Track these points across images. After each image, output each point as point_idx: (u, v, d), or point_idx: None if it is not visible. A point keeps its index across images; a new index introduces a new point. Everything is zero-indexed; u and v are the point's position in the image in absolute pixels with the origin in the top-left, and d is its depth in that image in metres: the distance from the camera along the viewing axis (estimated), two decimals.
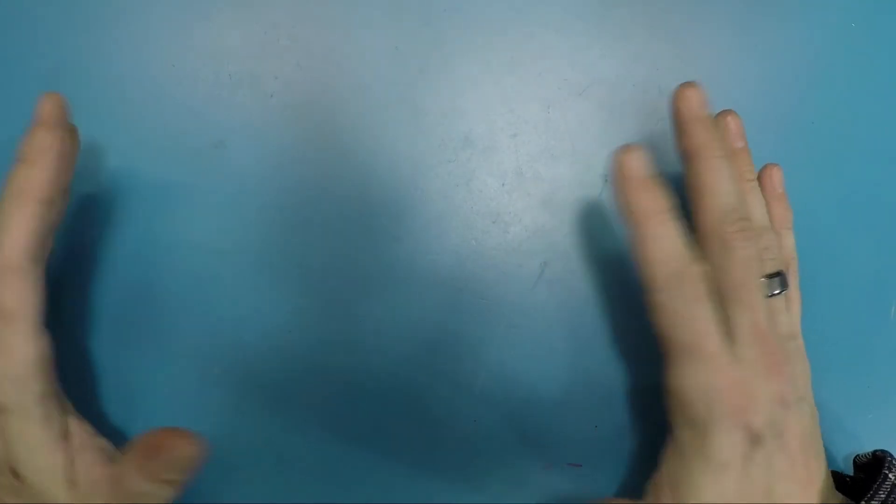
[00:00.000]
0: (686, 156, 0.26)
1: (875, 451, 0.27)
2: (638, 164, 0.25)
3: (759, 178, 0.29)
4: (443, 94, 0.32)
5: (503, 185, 0.31)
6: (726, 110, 0.28)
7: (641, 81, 0.32)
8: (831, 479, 0.26)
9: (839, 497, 0.26)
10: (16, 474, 0.24)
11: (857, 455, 0.28)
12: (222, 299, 0.31)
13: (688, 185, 0.26)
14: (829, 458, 0.30)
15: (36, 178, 0.24)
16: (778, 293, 0.26)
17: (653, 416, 0.30)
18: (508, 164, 0.31)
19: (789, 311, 0.27)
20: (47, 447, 0.24)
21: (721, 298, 0.24)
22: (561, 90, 0.32)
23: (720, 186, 0.25)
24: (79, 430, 0.26)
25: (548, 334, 0.30)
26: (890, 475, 0.25)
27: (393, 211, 0.31)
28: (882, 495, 0.24)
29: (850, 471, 0.29)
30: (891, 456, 0.26)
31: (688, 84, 0.25)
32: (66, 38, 0.33)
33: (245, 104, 0.32)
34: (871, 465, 0.27)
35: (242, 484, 0.28)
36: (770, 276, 0.25)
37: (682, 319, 0.24)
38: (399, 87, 0.32)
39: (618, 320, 0.31)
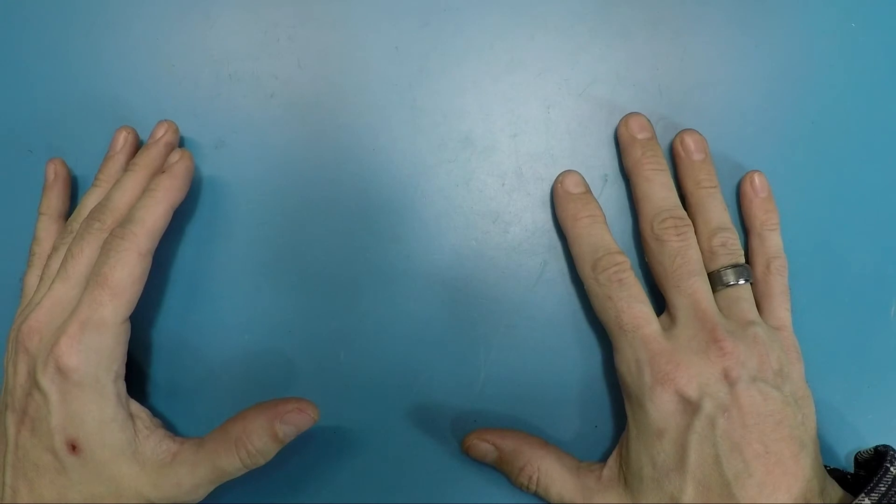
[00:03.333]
0: (627, 172, 0.30)
1: (877, 446, 0.27)
2: (572, 181, 0.30)
3: (741, 183, 0.31)
4: (443, 94, 0.32)
5: (503, 185, 0.31)
6: (685, 129, 0.30)
7: (641, 81, 0.32)
8: (824, 473, 0.26)
9: (839, 491, 0.26)
10: (74, 448, 0.25)
11: (859, 452, 0.28)
12: (222, 299, 0.31)
13: (633, 198, 0.30)
14: (830, 458, 0.30)
15: (174, 187, 0.28)
16: (734, 283, 0.28)
17: None
18: (508, 164, 0.31)
19: (776, 302, 0.29)
20: (118, 423, 0.26)
21: (663, 288, 0.28)
22: (561, 90, 0.32)
23: (652, 193, 0.29)
24: (141, 413, 0.27)
25: (548, 334, 0.30)
26: (891, 468, 0.25)
27: (393, 211, 0.31)
28: (882, 488, 0.24)
29: (851, 470, 0.29)
30: (892, 450, 0.26)
31: (631, 114, 0.30)
32: (66, 38, 0.33)
33: (245, 104, 0.32)
34: (873, 461, 0.27)
35: (242, 484, 0.28)
36: (726, 268, 0.28)
37: (608, 301, 0.27)
38: (399, 87, 0.32)
39: None
